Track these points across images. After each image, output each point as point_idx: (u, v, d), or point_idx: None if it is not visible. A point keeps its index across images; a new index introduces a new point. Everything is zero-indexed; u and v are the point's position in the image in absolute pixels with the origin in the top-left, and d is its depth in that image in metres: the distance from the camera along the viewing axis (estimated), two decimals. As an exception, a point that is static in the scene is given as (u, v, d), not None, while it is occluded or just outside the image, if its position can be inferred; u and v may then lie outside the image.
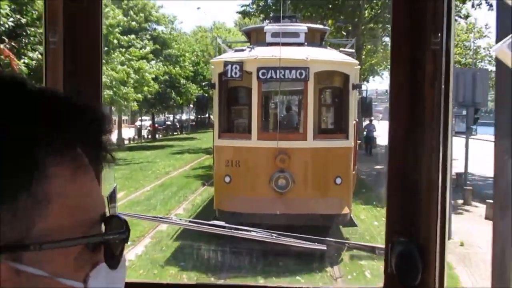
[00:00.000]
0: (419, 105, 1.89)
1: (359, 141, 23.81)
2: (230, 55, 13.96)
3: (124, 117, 65.95)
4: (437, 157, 1.84)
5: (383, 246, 1.95)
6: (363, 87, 15.11)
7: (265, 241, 2.55)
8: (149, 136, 55.53)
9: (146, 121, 64.88)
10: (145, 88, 37.51)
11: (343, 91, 13.90)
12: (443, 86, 1.85)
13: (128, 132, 53.27)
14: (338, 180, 12.66)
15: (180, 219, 2.66)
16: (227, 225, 2.56)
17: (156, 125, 60.01)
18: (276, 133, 12.88)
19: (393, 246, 1.89)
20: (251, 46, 14.01)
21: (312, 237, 2.51)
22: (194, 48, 58.42)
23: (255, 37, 14.95)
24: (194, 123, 69.95)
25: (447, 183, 1.86)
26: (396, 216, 1.91)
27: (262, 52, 13.05)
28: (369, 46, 37.87)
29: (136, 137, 53.30)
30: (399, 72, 1.93)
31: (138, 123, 63.21)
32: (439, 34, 1.84)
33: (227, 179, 12.76)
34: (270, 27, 13.90)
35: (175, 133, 61.55)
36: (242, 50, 13.86)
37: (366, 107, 14.34)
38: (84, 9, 1.94)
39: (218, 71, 13.14)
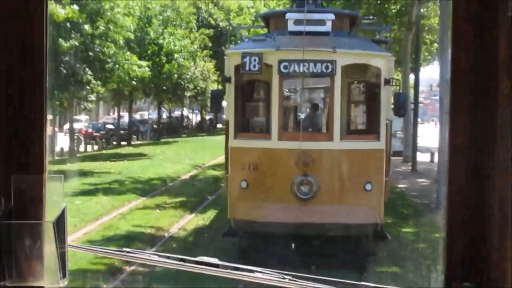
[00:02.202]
0: (491, 98, 1.54)
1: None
2: (248, 45, 13.68)
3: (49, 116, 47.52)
4: None
5: None
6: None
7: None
8: (77, 149, 36.90)
9: (80, 122, 46.89)
10: None
11: (374, 87, 13.54)
12: None
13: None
14: (368, 186, 12.39)
15: (157, 254, 2.31)
16: (221, 263, 2.16)
17: (90, 129, 43.55)
18: (299, 133, 12.74)
19: None
20: (270, 34, 13.70)
21: (342, 281, 2.12)
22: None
23: (274, 24, 14.53)
24: (157, 126, 50.31)
25: None
26: (458, 252, 1.60)
27: (284, 43, 12.74)
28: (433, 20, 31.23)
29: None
30: (462, 52, 1.58)
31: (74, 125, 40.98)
32: None
33: (244, 184, 12.51)
34: (292, 14, 13.49)
35: (122, 143, 42.91)
36: (261, 40, 13.57)
37: (399, 105, 13.94)
38: None
39: (234, 63, 12.89)
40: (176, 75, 40.78)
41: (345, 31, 14.25)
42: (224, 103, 14.78)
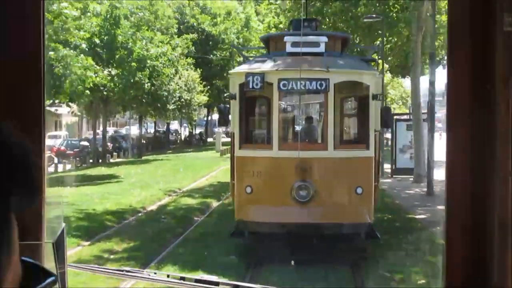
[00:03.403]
0: (488, 111, 1.49)
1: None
2: (250, 66, 14.73)
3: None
4: None
5: None
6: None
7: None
8: (47, 170, 26.67)
9: (59, 139, 42.78)
10: None
11: (364, 101, 14.59)
12: None
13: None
14: (359, 190, 13.55)
15: (155, 273, 2.56)
16: (221, 281, 2.18)
17: (63, 147, 39.31)
18: (297, 143, 13.80)
19: None
20: (270, 56, 14.80)
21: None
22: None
23: (274, 46, 15.64)
24: (139, 141, 46.05)
25: None
26: (458, 263, 1.54)
27: (283, 63, 13.82)
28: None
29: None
30: (458, 65, 1.53)
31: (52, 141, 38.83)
32: None
33: (248, 189, 13.63)
34: (290, 37, 14.60)
35: (100, 161, 38.25)
36: (263, 60, 14.66)
37: (384, 118, 15.17)
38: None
39: (238, 81, 13.94)
40: (149, 85, 35.34)
41: (337, 52, 15.25)
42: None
